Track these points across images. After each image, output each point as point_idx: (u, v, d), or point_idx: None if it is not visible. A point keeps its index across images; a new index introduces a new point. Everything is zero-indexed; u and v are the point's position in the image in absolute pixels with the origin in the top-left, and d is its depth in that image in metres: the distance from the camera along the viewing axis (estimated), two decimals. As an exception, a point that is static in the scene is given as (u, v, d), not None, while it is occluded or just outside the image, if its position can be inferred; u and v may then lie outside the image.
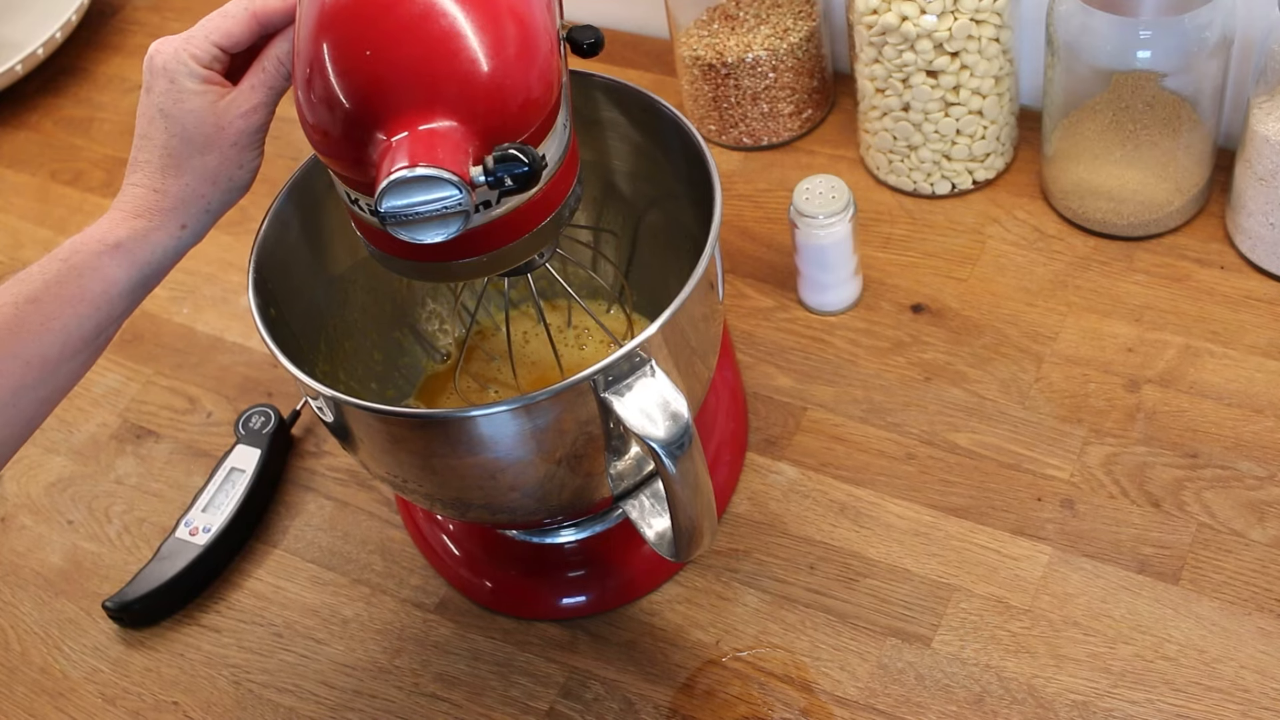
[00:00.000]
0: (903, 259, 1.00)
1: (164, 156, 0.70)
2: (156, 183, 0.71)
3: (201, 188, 0.71)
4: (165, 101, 0.70)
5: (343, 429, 0.75)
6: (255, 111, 0.70)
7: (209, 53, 0.70)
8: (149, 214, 0.70)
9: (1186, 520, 0.84)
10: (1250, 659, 0.78)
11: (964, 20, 0.93)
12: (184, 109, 0.69)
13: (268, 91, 0.70)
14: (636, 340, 0.68)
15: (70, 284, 0.68)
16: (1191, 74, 0.89)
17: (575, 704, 0.82)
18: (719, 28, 1.06)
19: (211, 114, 0.70)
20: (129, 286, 0.70)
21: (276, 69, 0.70)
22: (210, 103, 0.70)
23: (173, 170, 0.70)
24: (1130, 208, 0.96)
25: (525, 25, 0.63)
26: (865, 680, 0.80)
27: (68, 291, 0.68)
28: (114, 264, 0.69)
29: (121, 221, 0.70)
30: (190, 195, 0.71)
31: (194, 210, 0.71)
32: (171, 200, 0.71)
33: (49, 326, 0.67)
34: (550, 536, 0.87)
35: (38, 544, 0.96)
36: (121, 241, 0.70)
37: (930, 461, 0.89)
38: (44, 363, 0.67)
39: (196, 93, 0.69)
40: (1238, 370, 0.90)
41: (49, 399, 0.69)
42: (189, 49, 0.70)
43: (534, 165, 0.61)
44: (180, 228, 0.71)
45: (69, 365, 0.69)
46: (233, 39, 0.70)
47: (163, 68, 0.70)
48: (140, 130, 0.71)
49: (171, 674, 0.88)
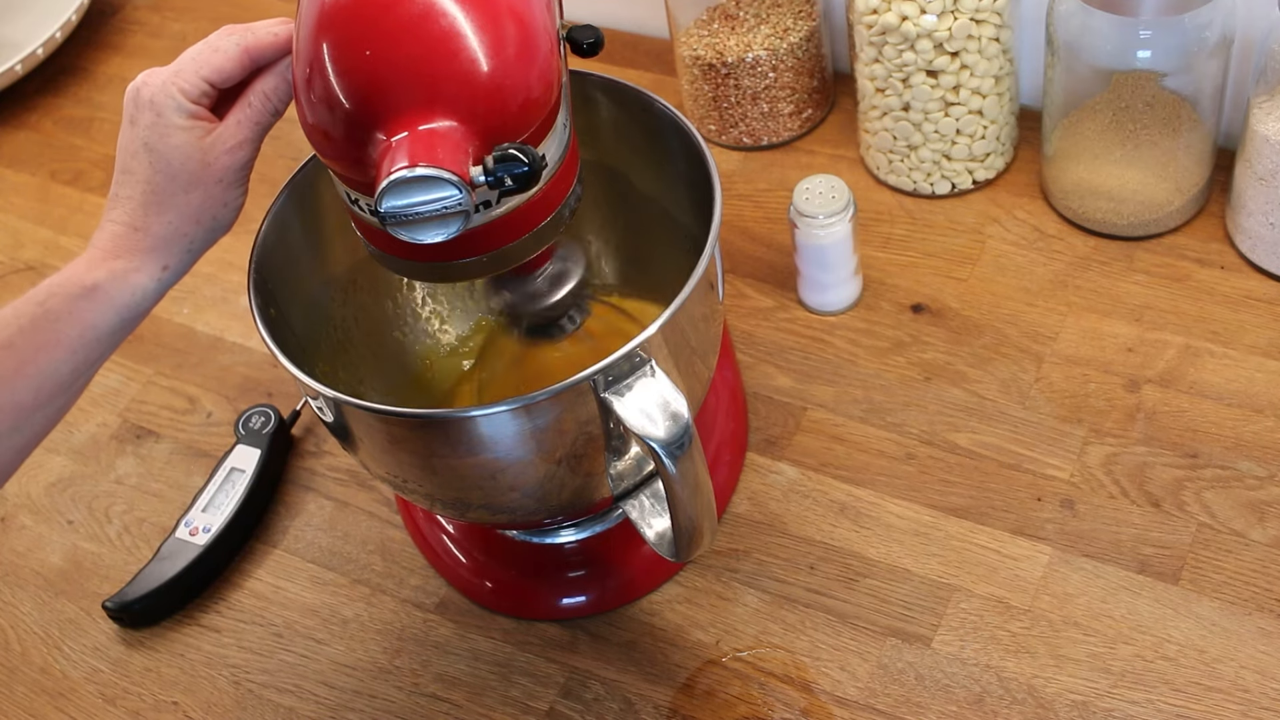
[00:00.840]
0: (903, 259, 1.00)
1: (147, 193, 0.68)
2: (138, 220, 0.69)
3: (185, 226, 0.69)
4: (151, 136, 0.68)
5: (343, 429, 0.75)
6: (241, 148, 0.69)
7: (198, 87, 0.68)
8: (129, 254, 0.68)
9: (1186, 520, 0.84)
10: (1250, 659, 0.78)
11: (964, 20, 0.93)
12: (170, 144, 0.68)
13: (253, 127, 0.69)
14: (636, 340, 0.68)
15: (45, 330, 0.66)
16: (1191, 74, 0.89)
17: (575, 704, 0.82)
18: (719, 27, 1.06)
19: (198, 150, 0.68)
20: (107, 330, 0.68)
21: (263, 104, 0.69)
22: (196, 138, 0.68)
23: (155, 207, 0.68)
24: (1130, 208, 0.96)
25: (525, 25, 0.63)
26: (865, 680, 0.80)
27: (42, 337, 0.66)
28: (91, 308, 0.67)
29: (100, 262, 0.68)
30: (173, 234, 0.69)
31: (176, 250, 0.69)
32: (153, 240, 0.69)
33: (23, 372, 0.65)
34: (550, 536, 0.87)
35: (38, 544, 0.96)
36: (99, 283, 0.67)
37: (930, 461, 0.89)
38: (17, 409, 0.65)
39: (183, 128, 0.68)
40: (1238, 370, 0.90)
41: (24, 446, 0.67)
42: (177, 83, 0.68)
43: (534, 165, 0.61)
44: (162, 269, 0.69)
45: (44, 411, 0.67)
46: (223, 74, 0.69)
47: (150, 101, 0.68)
48: (122, 165, 0.69)
49: (171, 674, 0.88)
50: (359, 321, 0.87)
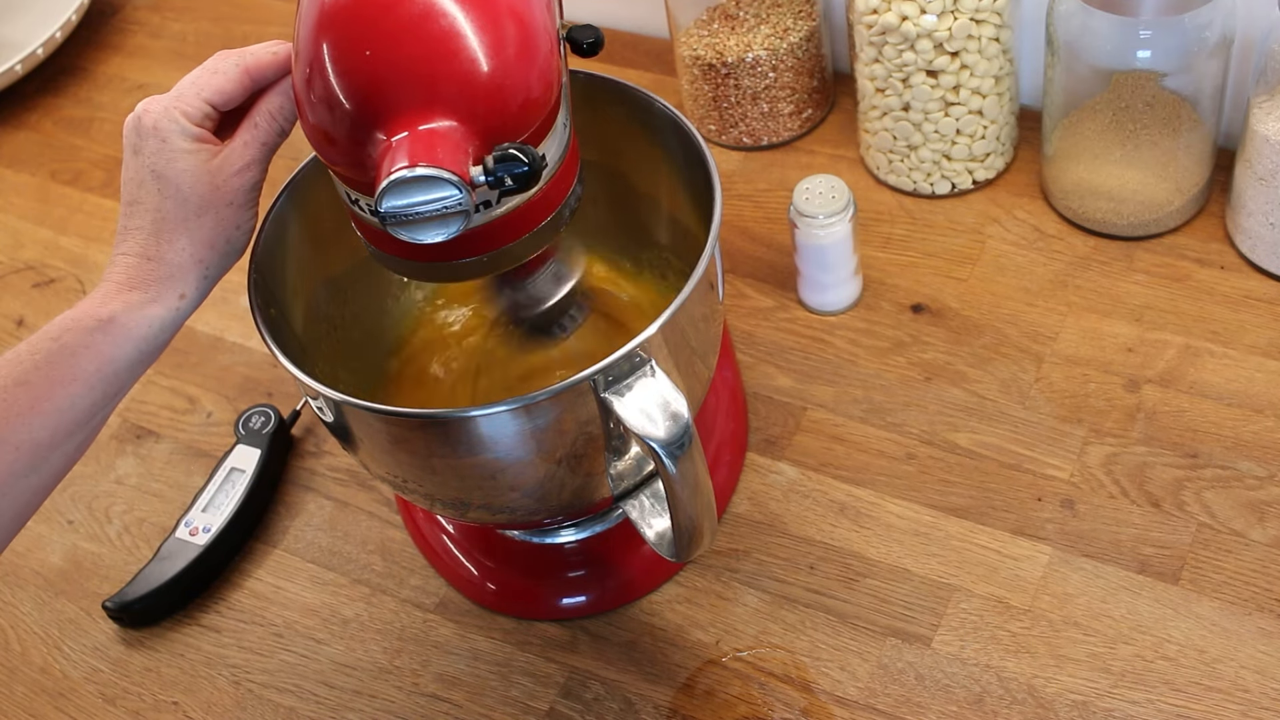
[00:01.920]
0: (903, 259, 1.00)
1: (157, 221, 0.67)
2: (150, 250, 0.67)
3: (199, 252, 0.68)
4: (157, 162, 0.67)
5: (343, 429, 0.75)
6: (249, 168, 0.68)
7: (200, 110, 0.68)
8: (144, 285, 0.67)
9: (1186, 520, 0.84)
10: (1250, 659, 0.78)
11: (964, 20, 0.93)
12: (177, 169, 0.67)
13: (260, 148, 0.68)
14: (636, 340, 0.68)
15: (61, 365, 0.64)
16: (1191, 74, 0.89)
17: (575, 704, 0.82)
18: (719, 27, 1.06)
19: (206, 173, 0.67)
20: (125, 364, 0.66)
21: (269, 124, 0.68)
22: (203, 162, 0.67)
23: (167, 235, 0.67)
24: (1130, 208, 0.96)
25: (525, 25, 0.63)
26: (865, 680, 0.80)
27: (58, 373, 0.64)
28: (108, 342, 0.65)
29: (114, 294, 0.66)
30: (187, 261, 0.68)
31: (192, 278, 0.68)
32: (168, 268, 0.67)
33: (39, 409, 0.63)
34: (550, 536, 0.87)
35: (38, 544, 0.96)
36: (115, 316, 0.66)
37: (930, 461, 0.89)
38: (35, 448, 0.64)
39: (189, 152, 0.67)
40: (1238, 370, 0.90)
41: (43, 486, 0.65)
42: (180, 107, 0.67)
43: (534, 165, 0.61)
44: (179, 298, 0.68)
45: (62, 449, 0.65)
46: (225, 96, 0.68)
47: (153, 127, 0.67)
48: (129, 196, 0.68)
49: (171, 674, 0.88)
50: (359, 321, 0.87)
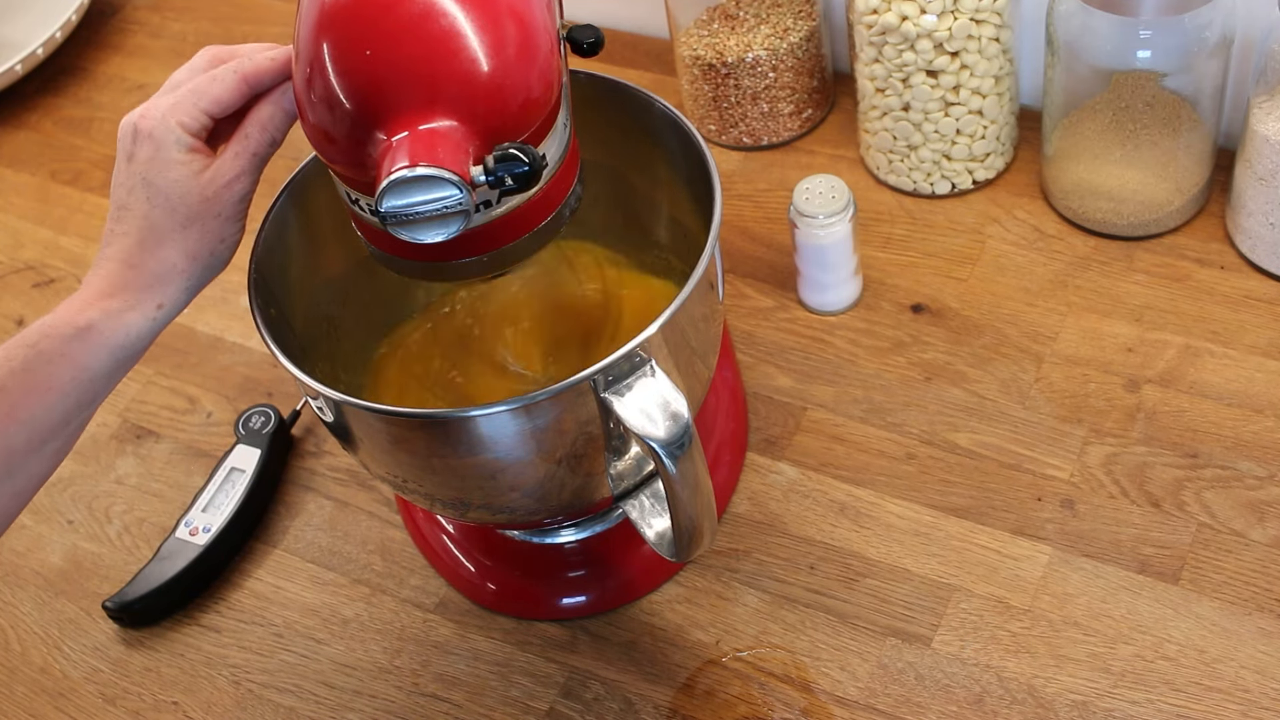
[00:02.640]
0: (903, 259, 1.00)
1: (143, 229, 0.67)
2: (133, 257, 0.67)
3: (181, 263, 0.68)
4: (150, 170, 0.67)
5: (343, 429, 0.75)
6: (239, 180, 0.68)
7: (198, 120, 0.67)
8: (123, 292, 0.67)
9: (1186, 520, 0.84)
10: (1250, 659, 0.78)
11: (964, 20, 0.93)
12: (169, 178, 0.67)
13: (251, 159, 0.68)
14: (637, 340, 0.68)
15: (37, 372, 0.64)
16: (1191, 74, 0.89)
17: (575, 704, 0.82)
18: (719, 27, 1.06)
19: (197, 184, 0.67)
20: (101, 372, 0.66)
21: (260, 135, 0.68)
22: (195, 172, 0.67)
23: (152, 243, 0.67)
24: (1130, 208, 0.96)
25: (525, 25, 0.63)
26: (865, 680, 0.80)
27: (34, 380, 0.64)
28: (84, 349, 0.65)
29: (93, 301, 0.66)
30: (169, 271, 0.67)
31: (171, 288, 0.68)
32: (148, 277, 0.67)
33: (14, 417, 0.63)
34: (550, 536, 0.87)
35: (38, 544, 0.96)
36: (93, 323, 0.65)
37: (930, 461, 0.89)
38: (9, 454, 0.64)
39: (182, 162, 0.67)
40: (1238, 370, 0.90)
41: (20, 491, 0.65)
42: (177, 115, 0.67)
43: (534, 165, 0.61)
44: (156, 307, 0.67)
45: (38, 455, 0.65)
46: (222, 105, 0.68)
47: (149, 134, 0.67)
48: (118, 201, 0.68)
49: (171, 674, 0.88)
50: (359, 321, 0.87)
